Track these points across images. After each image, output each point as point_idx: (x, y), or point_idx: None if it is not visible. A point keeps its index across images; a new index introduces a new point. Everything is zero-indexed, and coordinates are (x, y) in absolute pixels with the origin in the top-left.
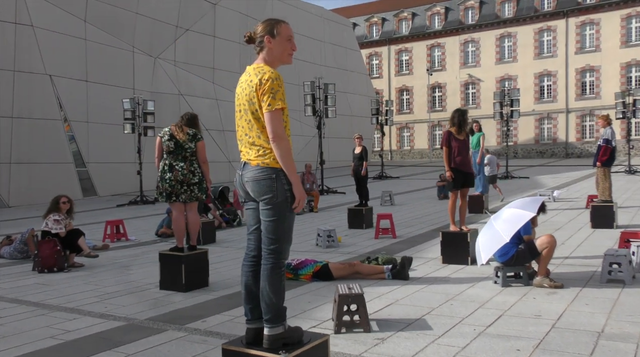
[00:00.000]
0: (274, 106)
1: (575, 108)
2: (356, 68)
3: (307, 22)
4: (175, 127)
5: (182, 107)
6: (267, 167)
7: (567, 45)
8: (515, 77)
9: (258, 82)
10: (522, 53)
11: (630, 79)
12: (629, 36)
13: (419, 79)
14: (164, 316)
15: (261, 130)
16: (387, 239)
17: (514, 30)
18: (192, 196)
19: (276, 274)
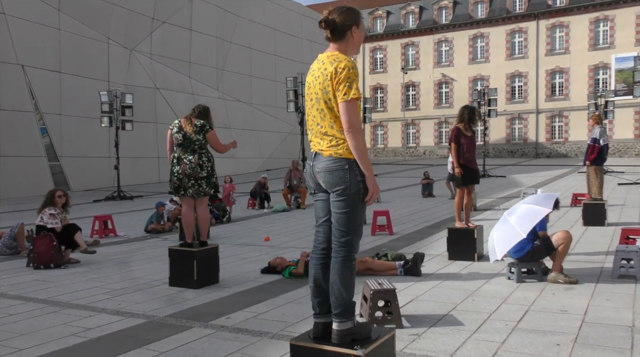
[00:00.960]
0: (349, 95)
1: (545, 109)
2: None
3: (283, 18)
4: (184, 120)
5: (157, 101)
6: (340, 157)
7: (538, 47)
8: (487, 77)
9: (333, 70)
10: (494, 54)
11: (597, 81)
12: (597, 39)
13: (393, 78)
14: (183, 313)
15: (334, 120)
16: (385, 236)
17: (486, 31)
18: (200, 191)
19: (347, 268)
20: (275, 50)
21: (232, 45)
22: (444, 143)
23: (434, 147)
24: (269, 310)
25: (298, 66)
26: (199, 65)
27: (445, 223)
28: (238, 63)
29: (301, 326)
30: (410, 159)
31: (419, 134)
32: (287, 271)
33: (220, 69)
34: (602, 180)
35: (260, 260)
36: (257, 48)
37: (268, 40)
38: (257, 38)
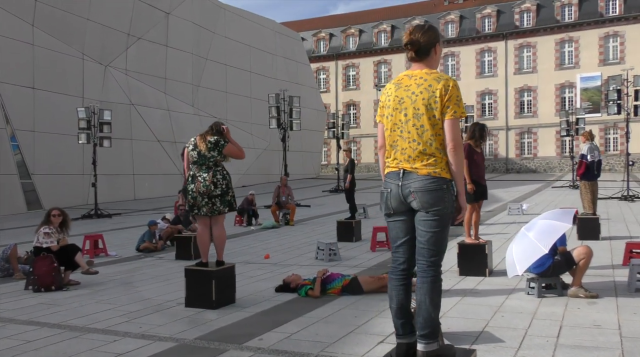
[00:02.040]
0: (458, 113)
1: (515, 126)
2: (306, 82)
3: (259, 35)
4: (199, 137)
5: (133, 117)
6: (438, 177)
7: (507, 66)
8: None
9: (442, 88)
10: (465, 72)
11: (564, 99)
12: (562, 59)
13: (365, 94)
14: (212, 335)
15: (434, 138)
16: (385, 251)
17: (457, 50)
18: (214, 209)
19: (436, 288)
20: (250, 67)
21: (207, 62)
22: None
23: None
24: (300, 330)
25: (272, 82)
26: (175, 81)
27: None
28: (213, 79)
29: (340, 346)
30: None
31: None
32: (303, 290)
33: (195, 85)
34: (594, 195)
35: (268, 278)
36: (233, 64)
37: (243, 56)
38: (233, 55)
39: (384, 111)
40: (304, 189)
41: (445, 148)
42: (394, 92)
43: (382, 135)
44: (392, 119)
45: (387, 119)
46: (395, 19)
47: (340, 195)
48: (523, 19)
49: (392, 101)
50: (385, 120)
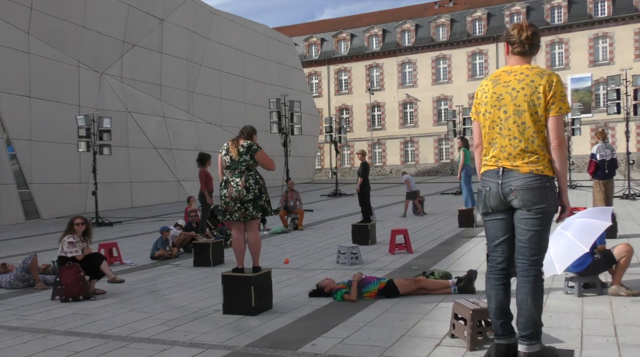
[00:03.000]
0: (564, 109)
1: None
2: (300, 87)
3: (252, 40)
4: (231, 142)
5: (129, 125)
6: (541, 175)
7: (498, 68)
8: (450, 97)
9: (546, 84)
10: (456, 74)
11: None
12: (553, 61)
13: (358, 98)
14: (262, 342)
15: (537, 135)
16: (405, 254)
17: (448, 53)
18: (247, 215)
19: (539, 287)
20: (244, 73)
21: (202, 68)
22: (410, 162)
23: (400, 166)
24: (350, 334)
25: (266, 88)
26: (170, 88)
27: (454, 240)
28: (208, 85)
29: (397, 350)
30: (378, 178)
31: (385, 154)
32: (338, 294)
33: (190, 92)
34: (606, 194)
35: (296, 283)
36: (227, 70)
37: (237, 62)
38: (227, 60)
39: (479, 108)
40: (301, 193)
41: (548, 145)
42: (492, 88)
43: (479, 133)
44: (490, 117)
45: (484, 116)
46: (386, 23)
47: (341, 199)
48: (513, 22)
49: (489, 98)
50: (481, 118)
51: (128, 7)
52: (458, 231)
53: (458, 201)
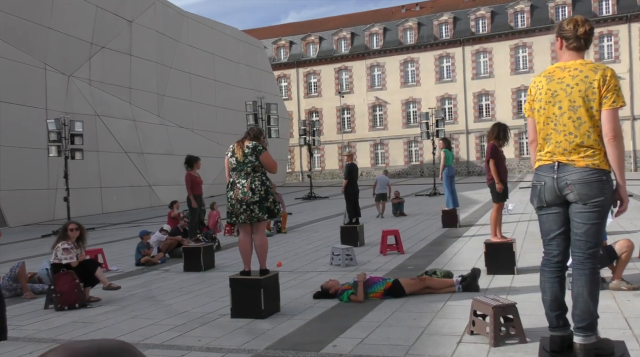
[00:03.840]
0: (618, 103)
1: (474, 129)
2: (270, 89)
3: (222, 43)
4: (237, 143)
5: (99, 129)
6: (597, 168)
7: (465, 71)
8: (419, 99)
9: (601, 78)
10: (424, 77)
11: (520, 102)
12: (517, 64)
13: (327, 101)
14: (280, 344)
15: (593, 129)
16: (396, 255)
17: (416, 56)
18: (253, 217)
19: (595, 280)
20: (214, 76)
21: (172, 71)
22: (380, 164)
23: (370, 168)
24: (368, 335)
25: (237, 91)
26: (140, 91)
27: (442, 240)
28: (178, 88)
29: (421, 348)
30: None
31: (356, 156)
32: (345, 295)
33: (160, 95)
34: None
35: (296, 286)
36: (197, 73)
37: (207, 65)
38: (197, 63)
39: (534, 105)
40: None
41: (603, 140)
42: (546, 85)
43: (533, 129)
44: (544, 113)
45: (539, 112)
46: (355, 26)
47: (316, 202)
48: (479, 26)
49: (543, 94)
50: (536, 114)
51: (96, 8)
52: (443, 231)
53: (434, 201)
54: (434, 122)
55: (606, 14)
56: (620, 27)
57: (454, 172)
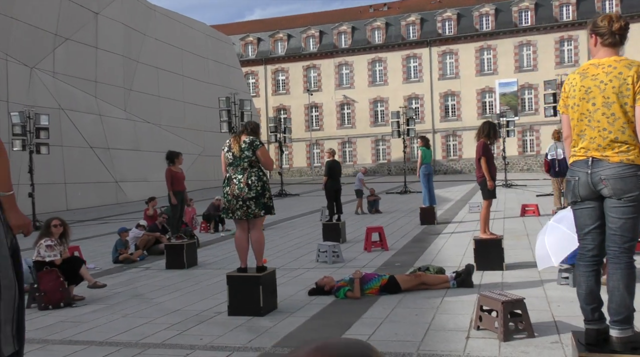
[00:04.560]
0: None
1: (441, 129)
2: (238, 86)
3: (190, 38)
4: (233, 138)
5: (63, 123)
6: (632, 164)
7: (431, 72)
8: (386, 99)
9: (635, 74)
10: (392, 77)
11: (485, 103)
12: (482, 66)
13: (295, 99)
14: (286, 342)
15: (627, 125)
16: (381, 251)
17: (384, 56)
18: (249, 213)
19: (631, 274)
20: (182, 71)
21: (139, 65)
22: (348, 162)
23: None
24: (375, 331)
25: (205, 87)
26: (106, 84)
27: (422, 237)
28: (145, 83)
29: (430, 344)
30: (318, 179)
31: (324, 154)
32: (341, 292)
33: (127, 89)
34: (559, 191)
35: (287, 283)
36: (165, 68)
37: (175, 60)
38: (164, 58)
39: (568, 101)
40: None
41: (637, 135)
42: (580, 82)
43: (568, 125)
44: (578, 109)
45: (573, 109)
46: (323, 25)
47: (287, 199)
48: (445, 27)
49: (577, 91)
50: (570, 111)
51: None
52: (421, 228)
53: (406, 199)
54: (404, 121)
55: (567, 19)
56: (580, 32)
57: (431, 170)
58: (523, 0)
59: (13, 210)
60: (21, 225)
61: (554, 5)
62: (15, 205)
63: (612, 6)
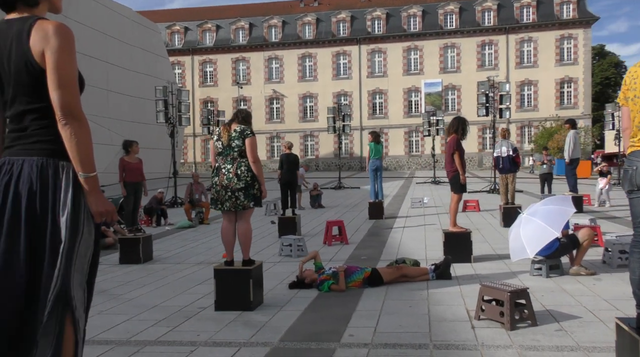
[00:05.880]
0: None
1: (368, 126)
2: (166, 76)
3: (115, 23)
4: (223, 127)
5: None
6: None
7: (360, 69)
8: (316, 94)
9: None
10: (321, 73)
11: (411, 102)
12: (409, 65)
13: (224, 92)
14: (291, 336)
15: None
16: (341, 245)
17: (314, 51)
18: (238, 204)
19: None
20: (107, 57)
21: None
22: (276, 157)
23: (266, 161)
24: (377, 324)
25: (131, 75)
26: None
27: (377, 231)
28: None
29: (440, 334)
30: None
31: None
32: (325, 285)
33: None
34: (506, 187)
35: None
36: (88, 54)
37: (99, 45)
38: (88, 43)
39: (628, 94)
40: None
41: None
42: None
43: (628, 117)
44: (638, 102)
45: (633, 101)
46: (253, 17)
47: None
48: (374, 26)
49: (639, 84)
50: (630, 103)
51: None
52: (371, 222)
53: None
54: (340, 117)
55: (488, 25)
56: (499, 37)
57: (379, 165)
58: (448, 4)
59: (93, 194)
60: (103, 212)
61: (477, 11)
62: (97, 189)
63: (530, 14)
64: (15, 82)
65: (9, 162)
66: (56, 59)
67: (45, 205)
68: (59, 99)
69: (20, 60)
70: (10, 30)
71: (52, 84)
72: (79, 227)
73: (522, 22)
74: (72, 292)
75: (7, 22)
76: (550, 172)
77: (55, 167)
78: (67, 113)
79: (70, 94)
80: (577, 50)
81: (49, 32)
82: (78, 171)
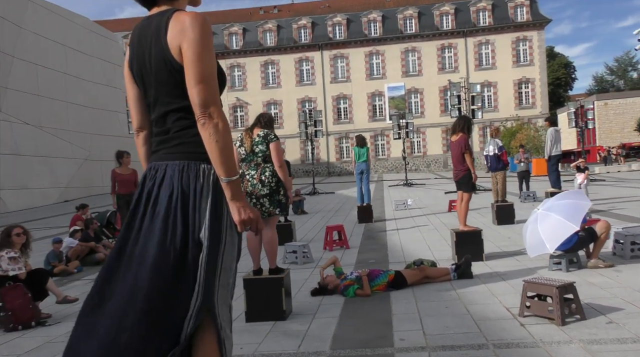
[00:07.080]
0: None
1: (334, 131)
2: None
3: (72, 33)
4: (245, 132)
5: None
6: None
7: (324, 75)
8: (280, 101)
9: None
10: (285, 79)
11: (375, 106)
12: (372, 70)
13: None
14: (340, 344)
15: None
16: (344, 250)
17: (276, 58)
18: (263, 211)
19: None
20: (66, 68)
21: (15, 60)
22: None
23: None
24: (422, 326)
25: (89, 86)
26: None
27: (372, 234)
28: (23, 81)
29: (494, 333)
30: None
31: None
32: (350, 290)
33: (2, 87)
34: (496, 185)
35: None
36: (45, 65)
37: (57, 56)
38: (44, 54)
39: None
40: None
41: None
42: None
43: None
44: None
45: None
46: (214, 24)
47: None
48: (336, 31)
49: None
50: None
51: None
52: (362, 226)
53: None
54: (312, 123)
55: (446, 28)
56: (458, 41)
57: (364, 168)
58: (407, 9)
59: (236, 200)
60: (247, 220)
61: (435, 15)
62: (239, 194)
63: (486, 18)
64: (156, 82)
65: (154, 167)
66: (193, 52)
67: (186, 212)
68: (197, 95)
69: (159, 58)
70: (150, 27)
71: (190, 80)
72: (221, 237)
73: (479, 26)
74: (217, 310)
75: (148, 18)
76: (528, 170)
77: (196, 170)
78: (206, 111)
79: (208, 90)
80: (532, 51)
81: (185, 23)
82: (219, 175)
